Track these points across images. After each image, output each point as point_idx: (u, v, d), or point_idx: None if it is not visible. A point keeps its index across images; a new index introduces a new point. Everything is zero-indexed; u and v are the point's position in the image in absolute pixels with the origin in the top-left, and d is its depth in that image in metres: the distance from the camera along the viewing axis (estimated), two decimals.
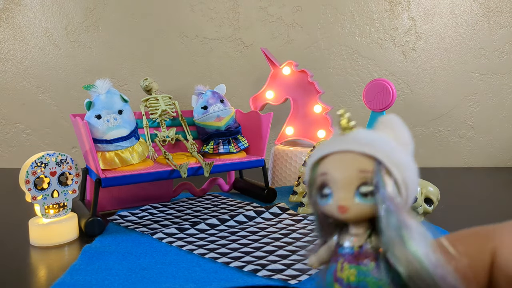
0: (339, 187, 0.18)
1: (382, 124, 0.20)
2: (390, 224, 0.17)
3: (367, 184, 0.18)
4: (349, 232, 0.19)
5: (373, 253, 0.18)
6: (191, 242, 0.44)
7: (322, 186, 0.19)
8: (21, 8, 0.90)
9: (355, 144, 0.18)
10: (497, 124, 0.91)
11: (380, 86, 0.58)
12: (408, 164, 0.19)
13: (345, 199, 0.18)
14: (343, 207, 0.18)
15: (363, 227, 0.19)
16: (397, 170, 0.18)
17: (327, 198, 0.19)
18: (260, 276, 0.35)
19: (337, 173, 0.18)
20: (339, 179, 0.18)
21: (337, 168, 0.18)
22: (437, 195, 0.50)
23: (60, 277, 0.35)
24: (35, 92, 0.92)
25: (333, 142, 0.19)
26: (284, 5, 0.89)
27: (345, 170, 0.18)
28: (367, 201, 0.18)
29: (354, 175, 0.18)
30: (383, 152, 0.18)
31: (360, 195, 0.18)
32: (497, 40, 0.88)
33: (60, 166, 0.47)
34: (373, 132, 0.20)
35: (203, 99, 0.62)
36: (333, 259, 0.20)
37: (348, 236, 0.19)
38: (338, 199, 0.18)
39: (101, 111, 0.50)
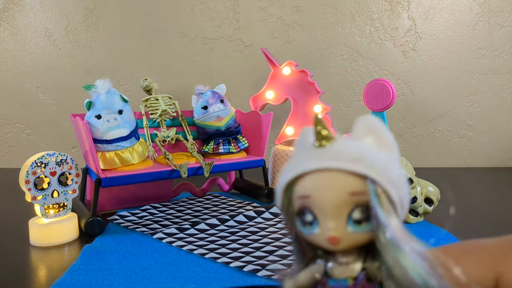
0: (328, 215, 0.15)
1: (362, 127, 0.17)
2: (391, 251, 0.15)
3: (360, 208, 0.15)
4: (337, 261, 0.17)
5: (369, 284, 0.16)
6: (191, 242, 0.44)
7: (303, 211, 0.16)
8: (21, 8, 0.89)
9: (341, 160, 0.15)
10: (497, 124, 0.91)
11: (380, 86, 0.58)
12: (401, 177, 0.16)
13: (337, 229, 0.15)
14: (334, 239, 0.15)
15: (354, 254, 0.16)
16: (394, 188, 0.15)
17: (311, 226, 0.16)
18: (260, 276, 0.35)
19: (323, 197, 0.15)
20: (327, 205, 0.15)
21: (322, 191, 0.15)
22: (437, 195, 0.50)
23: (60, 277, 0.35)
24: (35, 92, 0.92)
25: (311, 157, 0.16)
26: (284, 5, 0.89)
27: (333, 194, 0.15)
28: (362, 229, 0.15)
29: (345, 199, 0.15)
30: (376, 169, 0.15)
31: (353, 223, 0.15)
32: (497, 40, 0.88)
33: (60, 166, 0.47)
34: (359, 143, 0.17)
35: (203, 99, 0.62)
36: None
37: (338, 266, 0.16)
38: (328, 229, 0.15)
39: (101, 111, 0.50)
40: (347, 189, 0.15)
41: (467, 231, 0.48)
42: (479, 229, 0.50)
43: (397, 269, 0.14)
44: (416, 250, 0.15)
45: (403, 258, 0.14)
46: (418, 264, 0.14)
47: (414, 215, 0.50)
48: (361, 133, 0.17)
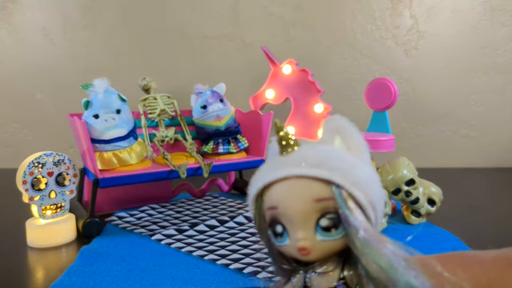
0: (295, 224, 0.15)
1: (328, 129, 0.17)
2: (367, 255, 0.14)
3: (328, 214, 0.15)
4: (316, 271, 0.16)
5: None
6: (190, 243, 0.43)
7: (273, 222, 0.16)
8: (19, 6, 0.89)
9: (303, 166, 0.15)
10: (499, 123, 0.90)
11: (382, 85, 0.58)
12: (370, 178, 0.16)
13: (305, 239, 0.15)
14: (304, 249, 0.15)
15: (332, 262, 0.16)
16: (360, 191, 0.15)
17: (282, 238, 0.16)
18: (260, 277, 0.34)
19: (289, 207, 0.15)
20: (293, 214, 0.15)
21: (287, 200, 0.15)
22: (440, 195, 0.50)
23: (58, 279, 0.35)
24: (32, 91, 0.91)
25: (275, 166, 0.16)
26: (284, 3, 0.88)
27: (298, 202, 0.15)
28: (332, 236, 0.15)
29: (310, 206, 0.15)
30: (339, 172, 0.15)
31: (321, 231, 0.15)
32: (500, 39, 0.87)
33: (57, 166, 0.46)
34: (321, 146, 0.16)
35: (203, 99, 0.62)
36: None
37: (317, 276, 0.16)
38: (297, 240, 0.15)
39: (99, 110, 0.50)
40: (311, 195, 0.15)
41: (469, 232, 0.47)
42: (482, 230, 0.49)
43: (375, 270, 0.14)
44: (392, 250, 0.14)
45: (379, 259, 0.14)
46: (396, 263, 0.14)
47: (417, 216, 0.49)
48: (328, 136, 0.16)
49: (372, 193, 0.15)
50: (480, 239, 0.45)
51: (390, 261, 0.14)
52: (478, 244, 0.42)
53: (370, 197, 0.15)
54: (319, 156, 0.15)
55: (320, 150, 0.15)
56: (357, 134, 0.17)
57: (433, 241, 0.43)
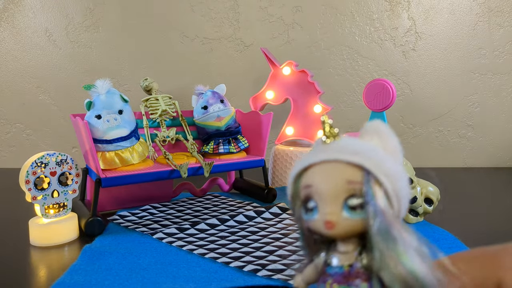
0: (325, 200, 0.17)
1: (368, 131, 0.19)
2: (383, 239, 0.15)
3: (356, 196, 0.16)
4: (337, 250, 0.18)
5: (364, 272, 0.17)
6: (191, 242, 0.44)
7: (307, 200, 0.18)
8: (21, 8, 0.89)
9: (341, 153, 0.17)
10: (497, 124, 0.91)
11: (380, 86, 0.58)
12: (398, 173, 0.17)
13: (332, 213, 0.17)
14: (330, 223, 0.17)
15: (353, 244, 0.17)
16: (388, 180, 0.17)
17: (312, 212, 0.17)
18: (260, 276, 0.35)
19: (322, 185, 0.17)
20: (325, 191, 0.17)
21: (322, 180, 0.17)
22: (437, 195, 0.50)
23: (60, 277, 0.35)
24: (35, 92, 0.92)
25: (316, 152, 0.18)
26: (284, 5, 0.89)
27: (331, 181, 0.17)
28: (356, 215, 0.16)
29: (341, 186, 0.16)
30: (371, 161, 0.17)
31: (348, 209, 0.16)
32: (497, 40, 0.88)
33: (60, 166, 0.47)
34: (360, 140, 0.18)
35: (203, 99, 0.62)
36: (321, 279, 0.18)
37: (337, 254, 0.18)
38: (325, 214, 0.17)
39: (101, 111, 0.50)
40: (344, 177, 0.16)
41: (467, 231, 0.48)
42: (479, 229, 0.50)
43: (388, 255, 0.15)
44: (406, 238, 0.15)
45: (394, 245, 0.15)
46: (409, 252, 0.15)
47: (414, 215, 0.50)
48: (368, 136, 0.18)
49: (399, 186, 0.17)
50: (477, 238, 0.46)
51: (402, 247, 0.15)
52: (475, 242, 0.43)
53: (396, 189, 0.17)
54: (356, 146, 0.17)
55: (358, 142, 0.17)
56: (394, 138, 0.19)
57: (431, 241, 0.43)
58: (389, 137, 0.18)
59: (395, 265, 0.15)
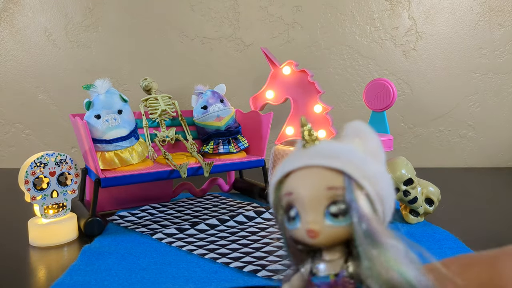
0: (307, 208, 0.16)
1: (348, 133, 0.18)
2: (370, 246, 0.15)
3: (338, 203, 0.16)
4: (322, 259, 0.17)
5: (350, 282, 0.16)
6: (190, 242, 0.44)
7: (289, 208, 0.17)
8: (21, 7, 0.89)
9: (320, 157, 0.16)
10: (497, 124, 0.90)
11: (381, 86, 0.58)
12: (380, 174, 0.17)
13: (315, 222, 0.16)
14: (312, 231, 0.16)
15: (338, 252, 0.17)
16: (369, 183, 0.16)
17: (294, 221, 0.17)
18: (260, 276, 0.35)
19: (303, 192, 0.16)
20: (306, 199, 0.16)
21: (302, 186, 0.16)
22: (438, 195, 0.50)
23: (60, 278, 0.35)
24: (34, 92, 0.92)
25: (296, 157, 0.17)
26: (284, 4, 0.89)
27: (312, 188, 0.16)
28: (339, 222, 0.16)
29: (322, 193, 0.16)
30: (351, 165, 0.16)
31: (330, 216, 0.16)
32: (498, 40, 0.88)
33: (59, 166, 0.47)
34: (339, 143, 0.18)
35: (203, 99, 0.62)
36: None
37: (322, 263, 0.17)
38: (307, 223, 0.16)
39: (100, 111, 0.50)
40: (324, 183, 0.16)
41: (467, 231, 0.48)
42: (480, 229, 0.49)
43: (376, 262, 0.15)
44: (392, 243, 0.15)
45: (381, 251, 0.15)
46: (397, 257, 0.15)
47: (415, 215, 0.50)
48: (348, 137, 0.18)
49: (381, 187, 0.16)
50: (477, 238, 0.46)
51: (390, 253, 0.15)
52: (475, 243, 0.43)
53: (379, 191, 0.16)
54: (334, 149, 0.17)
55: (337, 145, 0.17)
56: (375, 137, 0.18)
57: (431, 241, 0.43)
58: (370, 137, 0.18)
59: (385, 272, 0.15)
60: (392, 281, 0.15)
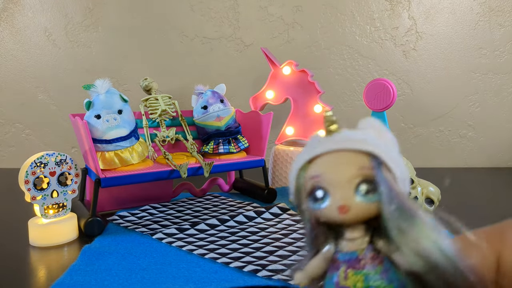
0: (338, 187, 0.17)
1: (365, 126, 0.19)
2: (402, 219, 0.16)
3: (367, 181, 0.17)
4: (346, 237, 0.18)
5: (377, 256, 0.17)
6: (191, 242, 0.44)
7: (314, 190, 0.18)
8: (20, 7, 0.89)
9: (348, 142, 0.17)
10: (497, 124, 0.90)
11: (381, 86, 0.58)
12: (400, 160, 0.18)
13: (346, 198, 0.17)
14: (344, 207, 0.17)
15: (360, 230, 0.18)
16: (396, 166, 0.17)
17: (322, 201, 0.18)
18: (260, 276, 0.35)
19: (334, 173, 0.17)
20: (337, 178, 0.17)
21: (333, 168, 0.17)
22: (438, 195, 0.50)
23: (60, 278, 0.35)
24: (34, 92, 0.92)
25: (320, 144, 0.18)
26: (284, 4, 0.89)
27: (343, 169, 0.17)
28: (369, 199, 0.17)
29: (353, 172, 0.17)
30: (379, 148, 0.17)
31: (360, 193, 0.17)
32: (498, 40, 0.88)
33: (59, 166, 0.47)
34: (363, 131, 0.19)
35: (203, 99, 0.62)
36: (332, 268, 0.18)
37: (347, 242, 0.18)
38: (338, 199, 0.17)
39: (100, 111, 0.50)
40: (355, 163, 0.17)
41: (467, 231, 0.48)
42: None
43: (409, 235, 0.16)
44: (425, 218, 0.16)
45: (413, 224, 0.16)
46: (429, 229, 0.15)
47: None
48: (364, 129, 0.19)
49: (402, 170, 0.18)
50: None
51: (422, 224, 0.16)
52: None
53: (401, 172, 0.18)
54: (362, 135, 0.18)
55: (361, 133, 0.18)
56: (388, 131, 0.19)
57: None
58: (384, 130, 0.19)
59: (417, 243, 0.15)
60: (424, 252, 0.15)
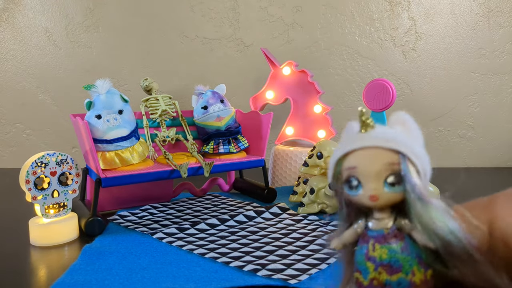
0: (370, 179, 0.21)
1: (395, 120, 0.23)
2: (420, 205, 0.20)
3: (394, 175, 0.20)
4: (374, 217, 0.22)
5: (400, 233, 0.21)
6: (191, 242, 0.44)
7: (349, 179, 0.22)
8: (21, 8, 0.90)
9: (380, 140, 0.21)
10: (497, 124, 0.91)
11: (380, 86, 0.58)
12: (424, 156, 0.21)
13: (376, 189, 0.20)
14: (374, 196, 0.20)
15: (387, 212, 0.22)
16: (418, 161, 0.21)
17: (356, 189, 0.21)
18: (260, 275, 0.35)
19: (367, 167, 0.21)
20: (370, 172, 0.21)
21: (367, 162, 0.21)
22: (437, 195, 0.50)
23: (60, 277, 0.35)
24: (35, 92, 0.92)
25: (357, 139, 0.21)
26: (284, 5, 0.89)
27: (375, 164, 0.20)
28: (395, 190, 0.20)
29: (383, 167, 0.20)
30: (405, 146, 0.21)
31: (388, 185, 0.20)
32: (497, 40, 0.88)
33: (60, 166, 0.47)
34: (392, 129, 0.22)
35: (203, 99, 0.62)
36: (362, 241, 0.22)
37: (375, 221, 0.22)
38: (370, 189, 0.21)
39: (101, 111, 0.50)
40: (385, 160, 0.20)
41: None
42: None
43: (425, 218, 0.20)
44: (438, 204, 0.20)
45: (429, 209, 0.20)
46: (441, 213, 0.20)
47: None
48: (394, 123, 0.23)
49: (425, 166, 0.21)
50: None
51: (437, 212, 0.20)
52: None
53: (424, 167, 0.21)
54: (391, 135, 0.21)
55: (391, 131, 0.21)
56: (416, 126, 0.23)
57: None
58: (412, 125, 0.22)
59: (432, 223, 0.19)
60: (437, 230, 0.19)
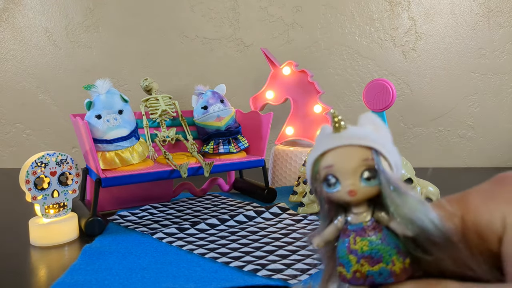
0: (347, 175, 0.22)
1: (365, 121, 0.24)
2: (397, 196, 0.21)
3: (369, 170, 0.21)
4: (353, 212, 0.23)
5: (378, 225, 0.22)
6: (191, 242, 0.44)
7: (327, 177, 0.23)
8: (21, 8, 0.90)
9: (354, 139, 0.22)
10: (497, 124, 0.91)
11: (380, 86, 0.58)
12: (395, 151, 0.23)
13: (353, 184, 0.22)
14: (352, 191, 0.22)
15: (364, 206, 0.23)
16: (390, 155, 0.22)
17: (334, 186, 0.22)
18: (260, 275, 0.35)
19: (344, 164, 0.22)
20: (346, 168, 0.22)
21: (343, 160, 0.22)
22: (437, 195, 0.50)
23: (60, 277, 0.35)
24: (35, 92, 0.92)
25: (331, 139, 0.23)
26: (284, 5, 0.89)
27: (351, 160, 0.22)
28: (370, 184, 0.22)
29: (359, 163, 0.22)
30: (377, 143, 0.22)
31: (364, 180, 0.21)
32: (497, 40, 0.88)
33: (60, 166, 0.47)
34: (363, 128, 0.23)
35: (203, 99, 0.62)
36: (343, 235, 0.23)
37: (354, 215, 0.23)
38: (348, 185, 0.22)
39: (101, 111, 0.50)
40: (360, 156, 0.22)
41: None
42: None
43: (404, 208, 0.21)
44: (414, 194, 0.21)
45: (407, 199, 0.21)
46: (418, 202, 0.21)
47: None
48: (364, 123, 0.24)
49: (396, 160, 0.23)
50: None
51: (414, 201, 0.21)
52: None
53: (396, 162, 0.22)
54: (364, 133, 0.22)
55: (364, 130, 0.23)
56: (384, 126, 0.24)
57: None
58: (381, 125, 0.24)
59: (410, 213, 0.20)
60: (415, 219, 0.20)
